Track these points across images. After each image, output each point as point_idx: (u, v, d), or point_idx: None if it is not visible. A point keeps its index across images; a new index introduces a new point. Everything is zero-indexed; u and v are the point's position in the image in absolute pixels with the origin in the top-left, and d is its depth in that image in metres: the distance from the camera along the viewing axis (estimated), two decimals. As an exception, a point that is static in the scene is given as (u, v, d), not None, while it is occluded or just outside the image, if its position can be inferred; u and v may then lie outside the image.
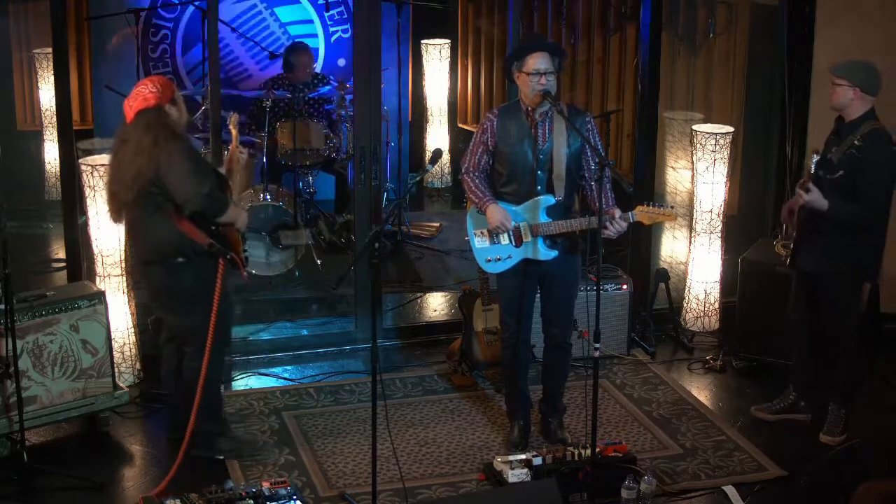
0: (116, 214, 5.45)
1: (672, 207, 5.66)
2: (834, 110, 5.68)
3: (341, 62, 9.06)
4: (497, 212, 5.45)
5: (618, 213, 5.36)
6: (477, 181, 5.53)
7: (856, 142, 5.53)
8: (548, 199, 5.46)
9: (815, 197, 5.55)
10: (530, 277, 5.59)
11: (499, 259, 5.55)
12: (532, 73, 5.34)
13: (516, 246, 5.51)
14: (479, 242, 5.58)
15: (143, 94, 5.33)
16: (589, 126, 5.47)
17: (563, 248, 5.52)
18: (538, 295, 5.70)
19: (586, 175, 5.50)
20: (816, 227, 5.66)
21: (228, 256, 5.38)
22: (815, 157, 5.59)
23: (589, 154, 5.46)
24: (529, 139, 5.44)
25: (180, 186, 5.25)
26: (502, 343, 5.80)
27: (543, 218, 5.46)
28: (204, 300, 5.39)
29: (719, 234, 7.15)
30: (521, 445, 5.69)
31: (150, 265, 5.49)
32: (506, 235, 5.50)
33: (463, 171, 5.60)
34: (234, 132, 5.91)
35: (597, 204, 5.26)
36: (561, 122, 5.42)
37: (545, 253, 5.50)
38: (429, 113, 9.93)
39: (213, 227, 5.37)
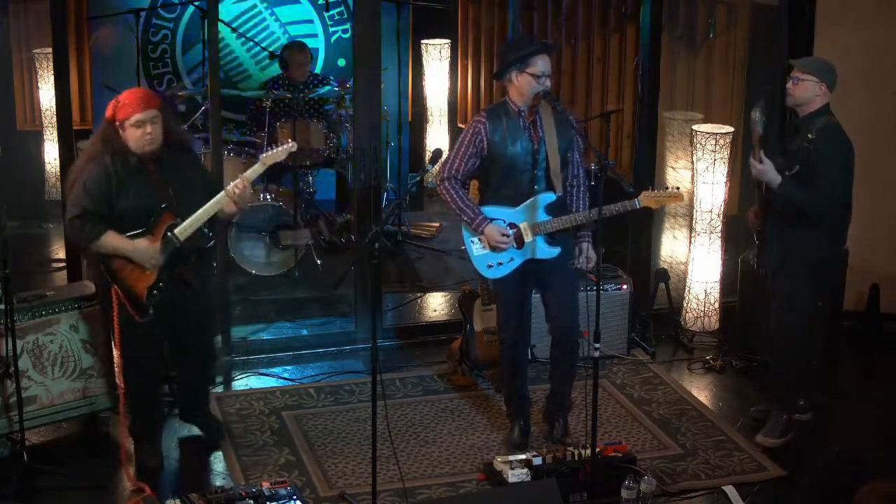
0: None
1: (678, 188, 5.69)
2: (794, 104, 5.65)
3: (341, 62, 9.06)
4: (495, 231, 5.43)
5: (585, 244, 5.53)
6: (461, 194, 5.47)
7: (810, 135, 5.53)
8: (547, 197, 5.46)
9: (766, 168, 5.49)
10: (529, 277, 5.58)
11: (500, 263, 5.52)
12: (539, 76, 5.36)
13: (518, 248, 5.50)
14: (478, 250, 5.53)
15: (112, 101, 5.30)
16: (575, 123, 5.54)
17: (562, 245, 5.52)
18: (539, 296, 5.70)
19: (570, 177, 5.53)
20: (776, 223, 5.65)
21: (112, 287, 5.27)
22: (758, 114, 5.49)
23: (577, 156, 5.51)
24: (524, 139, 5.44)
25: (67, 205, 5.30)
26: (501, 345, 5.79)
27: (543, 216, 5.46)
28: (106, 319, 5.47)
29: (719, 234, 7.15)
30: (521, 446, 5.69)
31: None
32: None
33: (444, 176, 5.47)
34: (256, 169, 5.45)
35: (573, 205, 5.46)
36: (550, 120, 5.42)
37: (546, 251, 5.50)
38: (429, 113, 9.93)
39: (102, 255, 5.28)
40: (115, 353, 5.35)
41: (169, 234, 5.28)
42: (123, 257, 5.25)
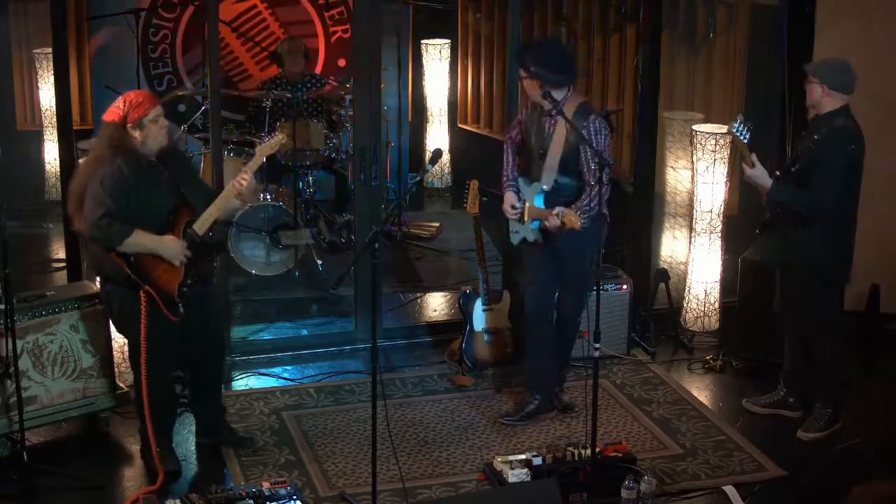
0: (74, 223, 5.35)
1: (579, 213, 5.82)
2: (810, 108, 5.72)
3: (341, 62, 9.05)
4: (507, 200, 5.89)
5: (556, 209, 5.61)
6: (510, 156, 5.97)
7: (815, 136, 5.56)
8: (540, 187, 5.81)
9: (758, 173, 5.57)
10: (545, 253, 5.87)
11: (515, 233, 5.95)
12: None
13: (521, 223, 5.86)
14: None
15: (114, 105, 5.26)
16: (594, 126, 5.67)
17: (549, 237, 5.77)
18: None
19: (584, 174, 5.71)
20: (776, 220, 5.67)
21: (144, 289, 5.20)
22: (738, 122, 5.55)
23: (588, 155, 5.66)
24: (537, 132, 5.81)
25: (86, 208, 5.16)
26: (528, 316, 5.96)
27: (539, 202, 5.80)
28: (130, 326, 5.34)
29: (719, 234, 7.15)
30: (531, 417, 5.93)
31: (100, 281, 5.52)
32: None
33: (507, 136, 6.05)
34: (257, 160, 5.52)
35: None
36: (566, 122, 5.68)
37: (532, 235, 5.85)
38: (429, 113, 9.93)
39: (129, 256, 5.21)
40: (142, 358, 5.25)
41: (189, 229, 5.30)
42: (152, 255, 5.22)
